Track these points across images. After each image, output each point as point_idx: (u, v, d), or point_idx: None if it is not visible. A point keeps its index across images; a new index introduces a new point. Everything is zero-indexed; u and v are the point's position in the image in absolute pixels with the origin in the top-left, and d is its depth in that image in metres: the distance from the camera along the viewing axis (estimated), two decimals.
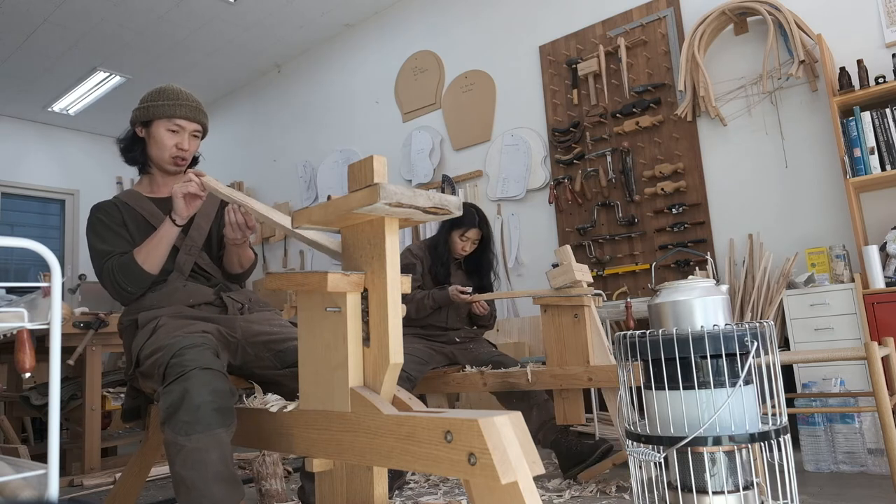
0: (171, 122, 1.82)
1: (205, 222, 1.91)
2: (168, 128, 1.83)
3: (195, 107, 1.86)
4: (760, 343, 1.15)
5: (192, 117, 1.85)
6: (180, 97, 1.84)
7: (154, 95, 1.85)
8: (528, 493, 0.93)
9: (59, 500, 1.12)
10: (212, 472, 1.33)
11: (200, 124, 1.88)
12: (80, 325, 2.94)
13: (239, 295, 1.85)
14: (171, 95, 1.84)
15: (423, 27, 4.91)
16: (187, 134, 1.86)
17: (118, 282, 1.70)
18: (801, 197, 3.22)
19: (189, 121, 1.84)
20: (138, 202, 1.86)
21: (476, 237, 2.90)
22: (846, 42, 3.12)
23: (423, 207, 1.13)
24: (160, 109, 1.82)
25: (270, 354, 1.72)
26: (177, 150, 1.85)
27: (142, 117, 1.84)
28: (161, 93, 1.84)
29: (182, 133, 1.85)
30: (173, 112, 1.82)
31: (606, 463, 2.36)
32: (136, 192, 1.91)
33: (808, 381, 2.71)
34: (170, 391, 1.37)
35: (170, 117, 1.82)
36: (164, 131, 1.83)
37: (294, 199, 5.82)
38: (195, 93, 2.00)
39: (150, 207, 1.86)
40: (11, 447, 2.63)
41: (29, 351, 1.15)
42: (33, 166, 6.75)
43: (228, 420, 1.38)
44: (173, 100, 1.83)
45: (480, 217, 2.89)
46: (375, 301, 1.18)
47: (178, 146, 1.84)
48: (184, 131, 1.85)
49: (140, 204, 1.86)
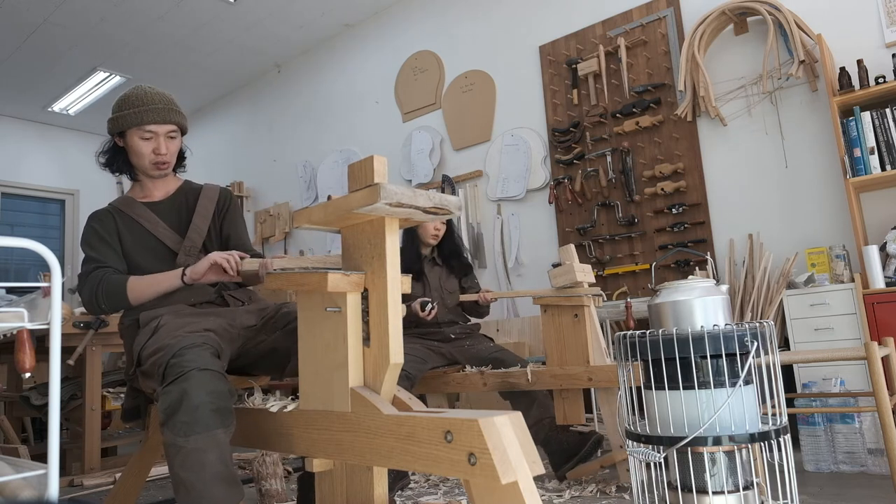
0: (142, 129, 1.78)
1: (202, 223, 1.90)
2: (141, 136, 1.78)
3: (164, 108, 1.79)
4: (760, 343, 1.15)
5: (162, 120, 1.79)
6: (146, 101, 1.78)
7: (122, 104, 1.79)
8: (528, 493, 0.93)
9: (59, 500, 1.12)
10: (210, 473, 1.33)
11: (174, 124, 1.82)
12: (80, 325, 2.94)
13: (240, 293, 1.87)
14: (137, 101, 1.78)
15: (423, 27, 4.91)
16: (162, 137, 1.81)
17: (97, 295, 1.70)
18: (801, 197, 3.22)
19: (160, 124, 1.79)
20: (132, 208, 1.86)
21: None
22: (846, 42, 3.12)
23: (424, 207, 1.13)
24: (129, 118, 1.77)
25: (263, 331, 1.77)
26: (154, 155, 1.81)
27: (115, 128, 1.80)
28: (127, 100, 1.79)
29: (156, 138, 1.80)
30: (141, 119, 1.76)
31: (595, 464, 2.37)
32: (130, 197, 1.90)
33: (808, 381, 2.71)
34: (168, 392, 1.37)
35: (139, 125, 1.77)
36: (137, 140, 1.79)
37: (294, 199, 5.82)
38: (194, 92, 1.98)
39: (145, 213, 1.85)
40: (11, 447, 2.63)
41: (29, 351, 1.15)
42: (33, 166, 6.75)
43: (227, 421, 1.38)
44: (139, 105, 1.77)
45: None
46: (375, 301, 1.18)
47: (155, 151, 1.80)
48: (157, 136, 1.80)
49: (134, 210, 1.85)
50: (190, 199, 1.94)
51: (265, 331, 1.78)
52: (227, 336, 1.68)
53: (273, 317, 1.80)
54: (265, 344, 1.76)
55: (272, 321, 1.79)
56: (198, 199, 1.93)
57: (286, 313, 1.79)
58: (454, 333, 2.81)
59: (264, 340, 1.76)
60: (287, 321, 1.76)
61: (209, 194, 1.96)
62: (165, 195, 1.92)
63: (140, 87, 1.82)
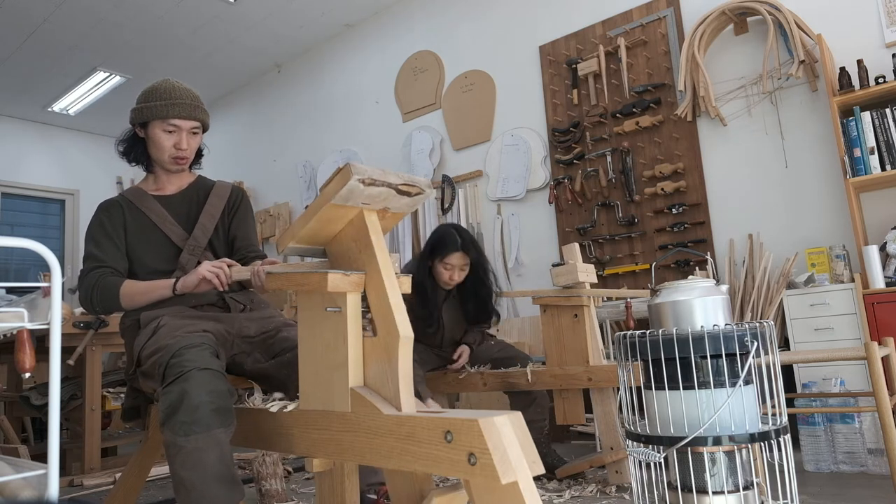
0: (166, 122, 1.77)
1: (209, 221, 1.88)
2: (164, 128, 1.78)
3: (191, 104, 1.80)
4: (760, 343, 1.15)
5: (187, 115, 1.79)
6: (174, 95, 1.78)
7: (148, 95, 1.79)
8: (528, 493, 0.93)
9: (59, 500, 1.12)
10: (210, 473, 1.33)
11: (198, 121, 1.82)
12: (80, 325, 2.93)
13: (241, 296, 1.85)
14: (165, 94, 1.77)
15: (423, 27, 4.91)
16: (185, 133, 1.81)
17: (92, 297, 1.70)
18: (801, 197, 3.22)
19: (185, 119, 1.79)
20: (142, 200, 1.85)
21: (462, 263, 2.50)
22: (846, 42, 3.12)
23: (395, 185, 1.17)
24: (155, 110, 1.77)
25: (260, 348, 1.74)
26: (175, 150, 1.81)
27: (138, 118, 1.80)
28: (155, 92, 1.78)
29: (179, 132, 1.80)
30: (167, 112, 1.76)
31: (584, 463, 2.38)
32: (141, 189, 1.89)
33: (808, 381, 2.70)
34: (169, 392, 1.37)
35: (164, 118, 1.77)
36: (160, 132, 1.79)
37: (294, 199, 5.82)
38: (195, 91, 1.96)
39: (156, 207, 1.84)
40: (11, 447, 2.64)
41: (29, 351, 1.15)
42: (33, 166, 6.75)
43: (227, 420, 1.38)
44: (167, 99, 1.77)
45: (464, 238, 2.47)
46: (373, 285, 1.18)
47: (176, 146, 1.80)
48: (181, 130, 1.80)
49: (144, 202, 1.84)
50: (201, 195, 1.92)
51: (261, 350, 1.74)
52: (224, 341, 1.68)
53: (273, 339, 1.75)
54: (259, 366, 1.72)
55: (270, 343, 1.75)
56: (208, 196, 1.92)
57: (284, 338, 1.74)
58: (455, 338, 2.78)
59: (259, 362, 1.73)
60: (283, 348, 1.71)
61: (220, 192, 1.95)
62: (178, 189, 1.90)
63: (168, 80, 1.81)
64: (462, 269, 2.52)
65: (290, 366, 1.63)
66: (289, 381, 1.62)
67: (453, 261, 2.48)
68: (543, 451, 2.55)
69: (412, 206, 1.27)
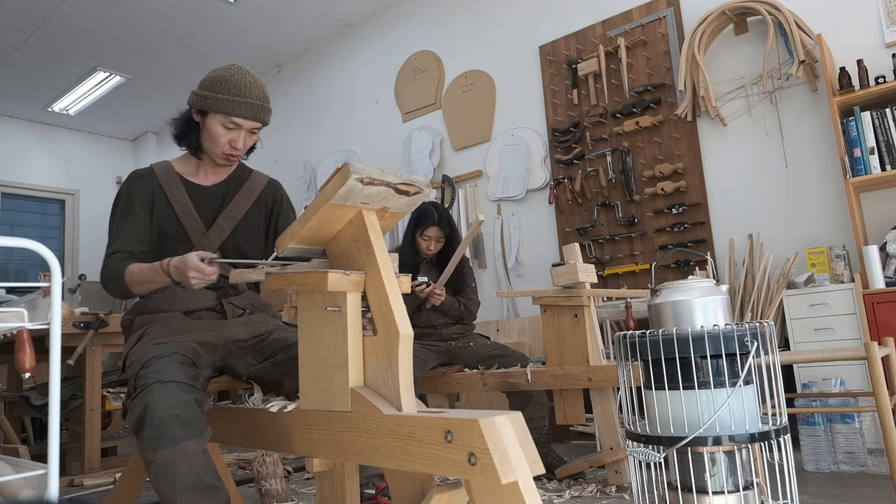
0: (227, 118, 1.66)
1: (228, 223, 1.78)
2: (224, 124, 1.67)
3: (257, 104, 1.68)
4: (760, 343, 1.15)
5: (252, 116, 1.68)
6: (242, 91, 1.66)
7: (215, 85, 1.66)
8: (528, 493, 0.93)
9: (59, 500, 1.12)
10: (182, 486, 1.33)
11: (261, 121, 1.72)
12: (80, 325, 2.94)
13: (241, 300, 1.79)
14: (234, 89, 1.65)
15: (423, 27, 4.91)
16: (244, 132, 1.71)
17: (107, 283, 1.67)
18: (801, 197, 3.22)
19: (248, 119, 1.68)
20: (171, 185, 1.74)
21: (437, 235, 2.83)
22: (846, 42, 3.12)
23: (393, 183, 1.17)
24: (218, 103, 1.65)
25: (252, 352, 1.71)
26: (230, 147, 1.71)
27: (199, 105, 1.68)
28: (224, 84, 1.66)
29: (238, 130, 1.69)
30: (231, 110, 1.65)
31: (584, 463, 2.38)
32: (174, 171, 1.78)
33: (808, 381, 2.70)
34: (133, 406, 1.36)
35: (228, 114, 1.66)
36: (219, 126, 1.68)
37: (294, 199, 5.79)
38: None
39: (181, 194, 1.74)
40: (11, 447, 2.64)
41: (29, 351, 1.15)
42: (33, 166, 6.75)
43: (197, 430, 1.35)
44: (235, 94, 1.65)
45: (440, 214, 2.81)
46: (373, 285, 1.18)
47: (232, 144, 1.70)
48: (240, 129, 1.69)
49: (172, 188, 1.74)
50: (230, 192, 1.82)
51: (253, 353, 1.69)
52: (214, 347, 1.64)
53: (264, 341, 1.71)
54: (252, 369, 1.68)
55: (261, 346, 1.70)
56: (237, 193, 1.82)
57: (275, 340, 1.70)
58: (451, 334, 2.82)
59: (252, 364, 1.69)
60: (275, 350, 1.67)
61: (251, 189, 1.84)
62: (215, 181, 1.81)
63: (240, 70, 1.69)
64: (438, 241, 2.85)
65: (282, 366, 1.62)
66: (282, 381, 1.60)
67: (430, 233, 2.83)
68: (543, 451, 2.55)
69: (411, 206, 1.27)
